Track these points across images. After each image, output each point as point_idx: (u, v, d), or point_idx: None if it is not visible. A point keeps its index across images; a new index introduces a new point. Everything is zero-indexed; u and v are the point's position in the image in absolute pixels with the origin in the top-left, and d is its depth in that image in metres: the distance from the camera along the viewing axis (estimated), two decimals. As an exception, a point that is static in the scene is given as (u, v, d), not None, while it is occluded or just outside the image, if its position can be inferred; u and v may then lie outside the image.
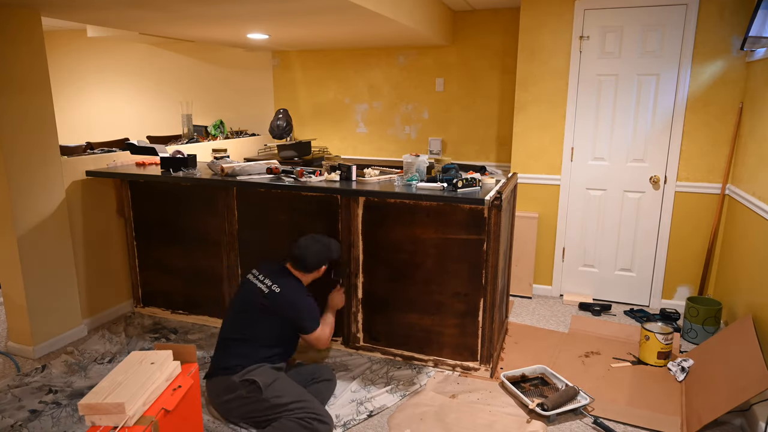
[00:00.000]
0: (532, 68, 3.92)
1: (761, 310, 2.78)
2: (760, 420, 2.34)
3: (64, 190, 3.25)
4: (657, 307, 3.92)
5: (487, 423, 2.49)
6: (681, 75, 3.58)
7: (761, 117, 3.08)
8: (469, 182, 2.76)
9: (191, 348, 2.18)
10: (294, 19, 3.34)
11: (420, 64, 4.91)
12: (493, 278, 2.79)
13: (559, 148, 3.96)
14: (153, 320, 3.66)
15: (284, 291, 2.56)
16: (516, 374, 2.89)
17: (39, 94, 3.04)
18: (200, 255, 3.49)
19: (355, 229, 3.04)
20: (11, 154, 2.93)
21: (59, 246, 3.24)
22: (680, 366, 2.95)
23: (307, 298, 2.64)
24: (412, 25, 3.54)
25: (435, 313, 2.95)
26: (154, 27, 3.79)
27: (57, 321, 3.26)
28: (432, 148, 5.00)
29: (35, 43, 3.01)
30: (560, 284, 4.16)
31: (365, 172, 3.12)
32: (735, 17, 3.40)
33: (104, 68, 6.17)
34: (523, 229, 4.04)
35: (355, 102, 5.24)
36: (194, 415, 2.14)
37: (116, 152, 3.74)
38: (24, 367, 3.04)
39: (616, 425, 2.52)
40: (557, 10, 3.78)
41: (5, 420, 2.53)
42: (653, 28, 3.59)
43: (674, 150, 3.69)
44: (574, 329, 3.56)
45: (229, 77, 5.67)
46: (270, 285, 2.57)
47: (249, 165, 3.25)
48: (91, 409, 1.75)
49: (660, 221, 3.81)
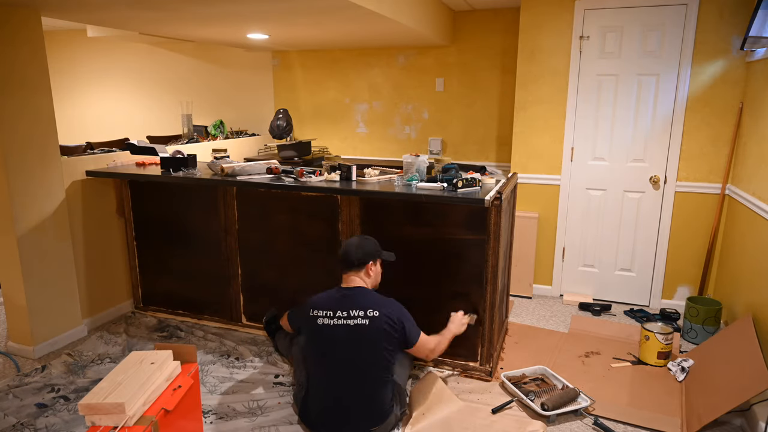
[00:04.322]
0: (532, 68, 3.91)
1: (761, 310, 2.78)
2: (760, 420, 2.34)
3: (64, 190, 3.25)
4: (657, 307, 3.92)
5: (487, 423, 2.49)
6: (681, 75, 3.58)
7: (761, 117, 3.08)
8: (469, 182, 2.76)
9: (191, 348, 2.18)
10: (294, 19, 3.34)
11: (420, 64, 4.91)
12: (493, 278, 2.79)
13: (559, 148, 3.96)
14: (153, 320, 3.66)
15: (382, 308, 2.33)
16: (516, 374, 2.89)
17: (39, 93, 3.04)
18: (200, 255, 3.49)
19: (354, 229, 3.04)
20: (11, 154, 2.93)
21: (59, 246, 3.24)
22: (680, 366, 2.95)
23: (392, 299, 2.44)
24: (412, 25, 3.54)
25: (435, 313, 2.95)
26: (154, 27, 3.79)
27: (57, 321, 3.26)
28: (432, 148, 5.00)
29: (35, 42, 3.00)
30: (560, 284, 4.16)
31: (365, 172, 3.12)
32: (735, 17, 3.40)
33: (104, 68, 6.17)
34: (523, 229, 4.04)
35: (355, 102, 5.24)
36: (194, 415, 2.14)
37: (116, 152, 3.74)
38: (24, 367, 3.04)
39: (616, 425, 2.52)
40: (557, 10, 3.78)
41: (8, 419, 2.53)
42: (653, 28, 3.58)
43: (674, 150, 3.69)
44: (574, 329, 3.56)
45: (229, 77, 5.67)
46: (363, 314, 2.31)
47: (249, 165, 3.25)
48: (91, 409, 1.75)
49: (660, 221, 3.81)
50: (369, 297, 2.39)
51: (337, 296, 2.41)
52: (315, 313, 2.37)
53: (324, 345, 2.34)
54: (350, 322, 2.30)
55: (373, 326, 2.30)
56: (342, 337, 2.30)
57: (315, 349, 2.39)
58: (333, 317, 2.33)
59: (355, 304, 2.34)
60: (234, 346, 3.27)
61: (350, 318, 2.31)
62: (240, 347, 3.25)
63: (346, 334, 2.30)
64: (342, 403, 2.31)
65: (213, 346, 3.28)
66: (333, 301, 2.38)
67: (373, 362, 2.31)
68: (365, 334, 2.29)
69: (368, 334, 2.29)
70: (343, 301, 2.37)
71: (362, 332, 2.29)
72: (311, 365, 2.42)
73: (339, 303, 2.36)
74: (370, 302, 2.35)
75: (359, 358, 2.30)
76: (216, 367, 3.02)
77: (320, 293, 2.48)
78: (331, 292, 2.46)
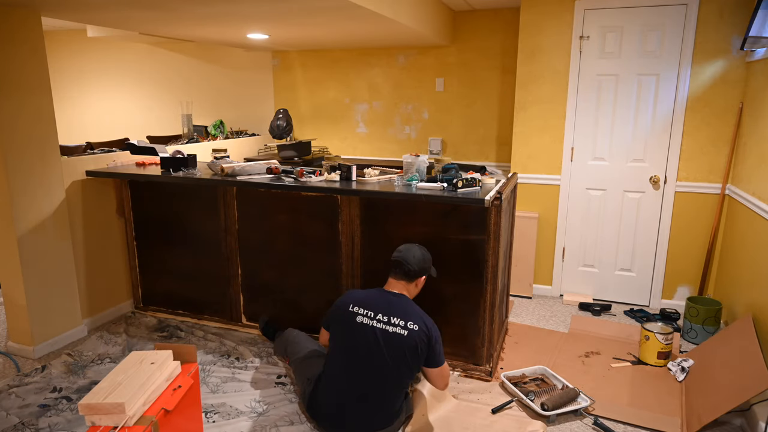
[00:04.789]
0: (532, 68, 3.91)
1: (761, 310, 2.78)
2: (760, 420, 2.34)
3: (64, 190, 3.25)
4: (657, 307, 3.92)
5: (487, 423, 2.49)
6: (681, 75, 3.58)
7: (761, 117, 3.08)
8: (469, 182, 2.76)
9: (191, 348, 2.18)
10: (294, 19, 3.34)
11: (420, 64, 4.91)
12: (493, 278, 2.79)
13: (559, 148, 3.96)
14: (153, 320, 3.66)
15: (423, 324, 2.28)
16: (516, 374, 2.89)
17: (39, 93, 3.04)
18: (200, 255, 3.49)
19: (354, 229, 3.04)
20: (11, 154, 2.93)
21: (59, 246, 3.24)
22: (680, 366, 2.95)
23: None
24: (412, 25, 3.54)
25: (435, 313, 2.94)
26: (154, 27, 3.79)
27: (57, 321, 3.26)
28: (432, 148, 5.00)
29: (35, 42, 3.00)
30: (560, 284, 4.16)
31: (365, 172, 3.12)
32: (735, 17, 3.40)
33: (104, 68, 6.17)
34: (523, 229, 4.04)
35: (355, 102, 5.24)
36: (194, 415, 2.14)
37: (116, 152, 3.73)
38: (24, 367, 3.04)
39: (616, 425, 2.52)
40: (557, 10, 3.78)
41: (10, 418, 2.53)
42: (653, 28, 3.58)
43: (674, 150, 3.69)
44: (574, 329, 3.56)
45: (229, 77, 5.67)
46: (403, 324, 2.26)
47: (249, 165, 3.25)
48: (90, 409, 1.75)
49: (660, 221, 3.81)
50: (412, 309, 2.35)
51: (380, 298, 2.36)
52: (355, 310, 2.33)
53: (356, 342, 2.30)
54: (389, 328, 2.27)
55: (410, 339, 2.25)
56: (377, 340, 2.26)
57: (345, 343, 2.34)
58: (373, 318, 2.29)
59: (398, 312, 2.30)
60: (234, 346, 3.27)
61: (390, 324, 2.27)
62: (240, 347, 3.26)
63: (381, 338, 2.26)
64: (356, 402, 2.29)
65: (213, 346, 3.28)
66: (375, 302, 2.35)
67: (398, 373, 2.28)
68: (400, 344, 2.25)
69: (403, 346, 2.25)
70: (386, 305, 2.32)
71: (397, 342, 2.25)
72: (335, 358, 2.37)
73: (382, 306, 2.32)
74: (412, 314, 2.31)
75: (386, 365, 2.26)
76: (216, 367, 3.02)
77: (359, 290, 2.47)
78: (372, 292, 2.42)
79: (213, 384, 2.85)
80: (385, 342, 2.26)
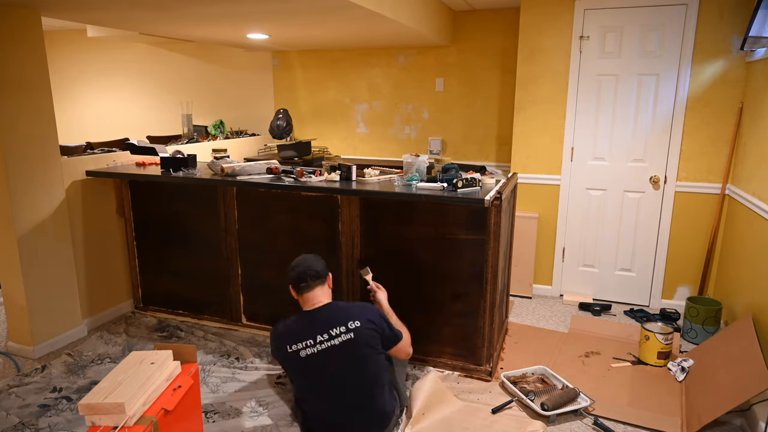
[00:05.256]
0: (532, 68, 3.91)
1: (761, 310, 2.78)
2: (760, 420, 2.34)
3: (64, 190, 3.25)
4: (657, 307, 3.92)
5: (487, 423, 2.49)
6: (681, 75, 3.58)
7: (761, 117, 3.08)
8: (469, 182, 2.76)
9: (191, 348, 2.18)
10: (294, 19, 3.34)
11: (420, 64, 4.91)
12: (493, 278, 2.79)
13: (559, 148, 3.96)
14: (153, 320, 3.66)
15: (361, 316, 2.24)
16: (516, 374, 2.89)
17: (39, 93, 3.04)
18: (200, 255, 3.49)
19: (354, 229, 3.04)
20: (11, 154, 2.93)
21: (59, 246, 3.24)
22: (680, 366, 2.95)
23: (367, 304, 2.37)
24: (412, 25, 3.54)
25: (435, 313, 2.95)
26: (154, 27, 3.79)
27: (57, 321, 3.26)
28: (432, 148, 5.00)
29: (35, 42, 3.00)
30: (560, 284, 4.16)
31: (365, 172, 3.12)
32: (735, 17, 3.40)
33: (104, 68, 6.17)
34: (523, 229, 4.04)
35: (355, 102, 5.24)
36: (194, 415, 2.14)
37: (116, 152, 3.74)
38: (24, 367, 3.04)
39: (616, 425, 2.52)
40: (557, 10, 3.78)
41: (10, 418, 2.53)
42: (653, 28, 3.59)
43: (674, 150, 3.69)
44: (574, 329, 3.56)
45: (229, 77, 5.67)
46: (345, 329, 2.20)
47: (249, 165, 3.25)
48: (90, 409, 1.75)
49: (660, 221, 3.81)
50: (343, 309, 2.27)
51: (308, 322, 2.24)
52: (294, 348, 2.20)
53: (315, 375, 2.22)
54: (335, 341, 2.18)
55: (359, 337, 2.20)
56: (331, 360, 2.18)
57: (307, 382, 2.26)
58: (315, 344, 2.18)
59: (334, 322, 2.21)
60: (234, 346, 3.27)
61: (333, 338, 2.18)
62: (240, 347, 3.26)
63: (335, 355, 2.18)
64: (345, 420, 2.24)
65: (213, 346, 3.28)
66: (306, 328, 2.22)
67: (369, 371, 2.24)
68: (353, 348, 2.19)
69: (357, 347, 2.20)
70: (318, 325, 2.21)
71: (351, 347, 2.19)
72: (308, 396, 2.31)
73: (314, 328, 2.21)
74: (347, 314, 2.23)
75: (354, 373, 2.21)
76: (216, 367, 3.02)
77: (284, 323, 2.30)
78: (297, 319, 2.29)
79: (213, 384, 2.85)
80: (341, 356, 2.18)
